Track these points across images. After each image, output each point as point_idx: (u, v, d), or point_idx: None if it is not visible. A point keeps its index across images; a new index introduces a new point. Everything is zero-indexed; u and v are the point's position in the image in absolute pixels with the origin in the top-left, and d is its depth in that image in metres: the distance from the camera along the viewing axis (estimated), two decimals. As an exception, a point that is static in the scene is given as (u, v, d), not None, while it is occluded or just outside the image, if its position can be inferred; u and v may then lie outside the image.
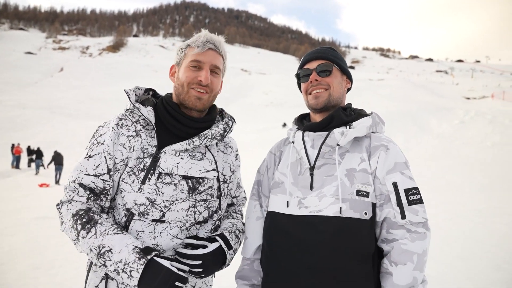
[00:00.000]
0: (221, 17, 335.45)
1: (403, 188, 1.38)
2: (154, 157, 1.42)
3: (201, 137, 1.48)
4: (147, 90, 1.65)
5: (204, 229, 1.52)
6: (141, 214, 1.40)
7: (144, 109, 1.48)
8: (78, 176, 1.41)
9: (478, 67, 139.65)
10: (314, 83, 1.56)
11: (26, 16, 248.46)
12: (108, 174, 1.42)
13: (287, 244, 1.44)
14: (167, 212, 1.41)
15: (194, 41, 1.53)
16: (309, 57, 1.63)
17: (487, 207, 8.89)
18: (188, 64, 1.50)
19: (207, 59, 1.51)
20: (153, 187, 1.40)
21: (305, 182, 1.48)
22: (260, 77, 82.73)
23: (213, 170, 1.53)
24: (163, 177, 1.41)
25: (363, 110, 1.63)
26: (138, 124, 1.48)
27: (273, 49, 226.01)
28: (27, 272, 4.59)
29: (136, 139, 1.44)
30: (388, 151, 1.44)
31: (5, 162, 22.86)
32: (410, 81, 69.57)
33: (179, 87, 1.52)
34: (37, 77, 78.88)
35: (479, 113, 31.69)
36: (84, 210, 1.38)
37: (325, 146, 1.48)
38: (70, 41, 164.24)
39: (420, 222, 1.35)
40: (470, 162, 17.34)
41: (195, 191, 1.46)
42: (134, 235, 1.39)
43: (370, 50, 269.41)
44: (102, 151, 1.42)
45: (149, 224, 1.40)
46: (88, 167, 1.41)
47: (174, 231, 1.42)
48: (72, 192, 1.41)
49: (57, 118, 39.78)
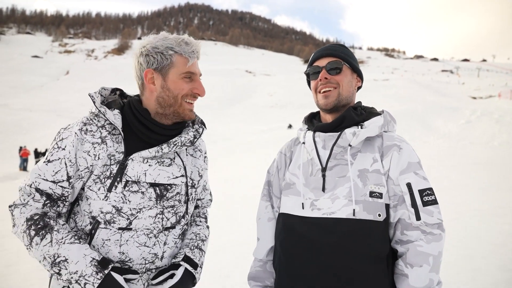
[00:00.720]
0: (225, 19, 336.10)
1: (417, 189, 1.36)
2: (121, 165, 1.37)
3: (170, 144, 1.43)
4: (113, 90, 1.58)
5: (173, 235, 1.49)
6: (107, 222, 1.36)
7: (111, 113, 1.41)
8: (35, 181, 1.35)
9: (484, 66, 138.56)
10: (323, 81, 1.53)
11: (33, 21, 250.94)
12: (68, 181, 1.36)
13: (300, 246, 1.42)
14: (134, 220, 1.38)
15: (181, 48, 1.43)
16: (319, 54, 1.59)
17: (493, 207, 8.82)
18: (182, 76, 1.44)
19: (197, 69, 1.49)
20: (120, 195, 1.36)
21: (317, 184, 1.46)
22: (265, 78, 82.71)
23: (181, 176, 1.49)
24: (130, 185, 1.37)
25: (373, 109, 1.61)
26: (104, 129, 1.41)
27: (277, 50, 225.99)
28: (33, 273, 4.63)
29: (102, 146, 1.38)
30: (401, 151, 1.42)
31: (13, 164, 23.07)
32: (415, 81, 69.20)
33: (168, 99, 1.44)
34: (43, 80, 79.59)
35: (486, 113, 31.40)
36: (39, 215, 1.33)
37: (336, 146, 1.46)
38: (75, 44, 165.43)
39: (435, 223, 1.34)
40: (476, 162, 17.20)
41: (162, 198, 1.43)
42: (100, 243, 1.36)
43: (374, 50, 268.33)
44: (63, 157, 1.35)
45: (116, 232, 1.37)
46: (47, 172, 1.35)
47: (141, 238, 1.39)
48: (27, 195, 1.35)
49: (62, 121, 40.04)
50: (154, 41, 1.43)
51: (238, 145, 27.42)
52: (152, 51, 1.42)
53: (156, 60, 1.42)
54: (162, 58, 1.41)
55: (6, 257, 5.24)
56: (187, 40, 1.45)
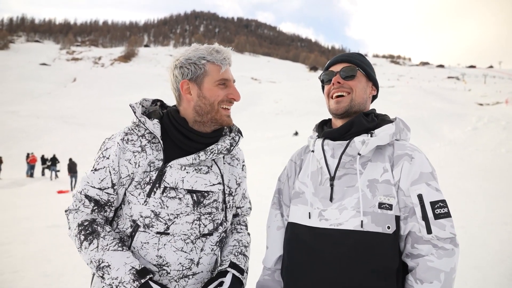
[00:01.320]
0: (231, 27, 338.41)
1: (429, 201, 1.30)
2: (160, 171, 1.42)
3: (207, 152, 1.47)
4: (154, 101, 1.63)
5: (210, 242, 1.51)
6: (146, 226, 1.42)
7: (150, 122, 1.47)
8: (85, 188, 1.46)
9: (491, 72, 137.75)
10: (336, 85, 1.51)
11: (41, 29, 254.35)
12: (113, 188, 1.45)
13: (307, 257, 1.40)
14: (171, 225, 1.42)
15: (213, 57, 1.48)
16: (334, 60, 1.58)
17: (501, 215, 8.70)
18: (216, 83, 1.48)
19: (230, 75, 1.53)
20: (158, 200, 1.41)
21: (325, 193, 1.43)
22: (270, 85, 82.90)
23: (218, 183, 1.52)
24: (168, 191, 1.42)
25: (387, 116, 1.56)
26: (144, 138, 1.48)
27: (283, 58, 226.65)
28: (38, 280, 4.64)
29: (142, 154, 1.44)
30: (412, 161, 1.36)
31: (21, 171, 23.26)
32: (421, 88, 68.95)
33: (205, 106, 1.48)
34: (50, 87, 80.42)
35: (493, 119, 31.16)
36: (89, 221, 1.43)
37: (345, 155, 1.42)
38: (83, 52, 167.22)
39: (447, 238, 1.28)
40: (484, 169, 17.02)
41: (200, 205, 1.47)
42: (139, 245, 1.42)
43: (380, 57, 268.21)
44: (108, 166, 1.44)
45: (154, 236, 1.42)
46: (94, 180, 1.45)
47: (178, 243, 1.43)
48: (79, 202, 1.46)
49: (69, 128, 40.38)
50: (186, 53, 1.49)
51: (244, 152, 27.41)
52: (185, 63, 1.47)
53: (190, 71, 1.47)
54: (195, 68, 1.47)
55: (12, 263, 5.26)
56: (217, 48, 1.50)
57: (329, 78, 1.55)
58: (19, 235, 6.93)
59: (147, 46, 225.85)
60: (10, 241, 6.50)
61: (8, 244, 6.29)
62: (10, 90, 71.26)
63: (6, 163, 28.70)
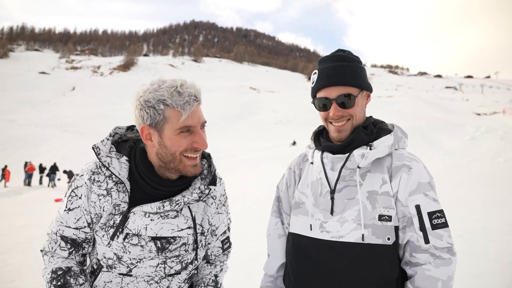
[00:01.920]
0: (229, 36, 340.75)
1: (426, 212, 1.31)
2: (123, 216, 1.36)
3: (172, 202, 1.36)
4: (129, 127, 1.52)
5: (178, 280, 1.48)
6: (109, 266, 1.41)
7: (117, 163, 1.38)
8: (59, 229, 1.42)
9: (488, 82, 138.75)
10: (335, 116, 1.43)
11: (41, 38, 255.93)
12: (89, 227, 1.41)
13: (310, 268, 1.41)
14: (134, 268, 1.40)
15: (173, 100, 1.28)
16: (326, 82, 1.43)
17: (499, 224, 8.70)
18: (177, 131, 1.31)
19: (196, 120, 1.33)
20: (120, 245, 1.37)
21: (326, 205, 1.43)
22: (269, 95, 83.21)
23: (188, 228, 1.42)
24: (130, 237, 1.36)
25: (384, 123, 1.54)
26: (111, 180, 1.38)
27: (282, 67, 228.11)
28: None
29: (107, 198, 1.37)
30: (410, 171, 1.37)
31: (18, 179, 23.17)
32: (419, 98, 69.34)
33: (167, 156, 1.34)
34: (50, 95, 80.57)
35: (490, 129, 31.29)
36: (63, 270, 1.39)
37: (345, 169, 1.42)
38: (82, 60, 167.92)
39: (444, 247, 1.30)
40: (482, 178, 17.04)
41: (164, 250, 1.40)
42: (101, 284, 1.43)
43: (378, 67, 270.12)
44: (81, 205, 1.39)
45: (117, 276, 1.41)
46: (69, 220, 1.40)
47: (141, 285, 1.42)
48: (54, 243, 1.42)
49: (68, 136, 40.37)
50: (147, 92, 1.31)
51: (242, 161, 27.40)
52: (144, 105, 1.30)
53: (149, 116, 1.30)
54: (154, 114, 1.29)
55: (9, 273, 5.22)
56: (179, 89, 1.29)
57: (325, 107, 1.46)
58: (16, 244, 6.88)
59: (146, 55, 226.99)
60: (7, 249, 6.45)
61: (6, 253, 6.24)
62: (10, 98, 71.37)
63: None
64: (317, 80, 1.48)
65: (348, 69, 1.43)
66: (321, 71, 1.47)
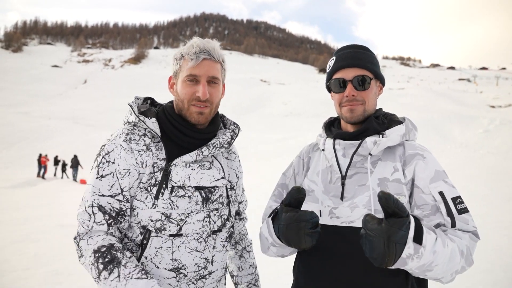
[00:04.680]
0: (240, 28, 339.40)
1: (450, 197, 1.32)
2: (165, 171, 1.37)
3: (209, 146, 1.45)
4: (145, 99, 1.61)
5: (220, 238, 1.50)
6: (157, 230, 1.36)
7: (149, 121, 1.42)
8: (93, 199, 1.33)
9: (504, 74, 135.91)
10: (350, 97, 1.46)
11: (53, 32, 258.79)
12: (122, 194, 1.36)
13: (318, 255, 1.41)
14: (183, 225, 1.38)
15: (187, 51, 1.44)
16: (344, 64, 1.48)
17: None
18: (184, 79, 1.43)
19: (203, 71, 1.43)
20: (168, 201, 1.36)
21: (336, 192, 1.44)
22: (279, 87, 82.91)
23: (222, 178, 1.50)
24: (177, 190, 1.37)
25: (395, 116, 1.57)
26: (146, 137, 1.42)
27: (292, 59, 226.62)
28: (49, 278, 4.71)
29: (148, 153, 1.38)
30: (425, 160, 1.38)
31: (33, 171, 23.61)
32: (431, 90, 68.31)
33: (179, 103, 1.47)
34: (62, 89, 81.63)
35: (505, 121, 30.75)
36: (106, 247, 1.28)
37: (357, 155, 1.43)
38: (93, 54, 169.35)
39: (470, 231, 1.31)
40: (496, 172, 16.80)
41: (208, 201, 1.44)
42: (153, 252, 1.36)
43: (390, 59, 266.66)
44: (115, 171, 1.35)
45: (167, 240, 1.37)
46: (102, 187, 1.34)
47: (192, 244, 1.40)
48: (88, 220, 1.32)
49: (79, 128, 40.90)
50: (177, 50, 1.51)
51: (253, 154, 27.45)
52: (173, 59, 1.51)
53: (173, 67, 1.50)
54: (176, 64, 1.48)
55: (24, 261, 5.34)
56: (197, 42, 1.45)
57: (340, 88, 1.49)
58: (31, 234, 7.03)
59: (157, 48, 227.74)
60: (22, 239, 6.60)
61: (21, 242, 6.39)
62: (23, 92, 72.53)
63: (19, 163, 29.19)
64: (334, 63, 1.53)
65: (365, 55, 1.50)
66: (339, 56, 1.53)
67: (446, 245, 1.19)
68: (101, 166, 1.36)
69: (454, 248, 1.21)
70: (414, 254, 1.12)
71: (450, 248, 1.19)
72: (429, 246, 1.14)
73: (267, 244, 1.48)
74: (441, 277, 1.22)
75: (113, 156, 1.36)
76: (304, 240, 1.28)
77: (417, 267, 1.16)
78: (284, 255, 1.53)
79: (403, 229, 1.09)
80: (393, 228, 1.08)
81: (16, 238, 6.69)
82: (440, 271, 1.19)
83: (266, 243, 1.48)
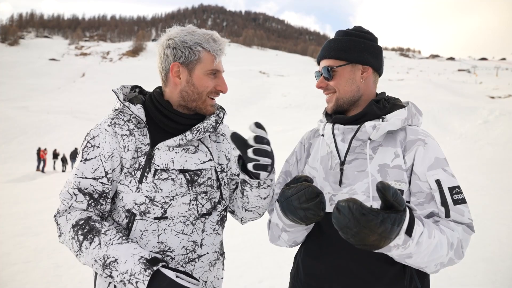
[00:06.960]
0: (238, 20, 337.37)
1: (447, 187, 1.27)
2: (148, 155, 1.39)
3: (193, 131, 1.45)
4: (133, 88, 1.62)
5: (210, 222, 1.48)
6: (142, 213, 1.37)
7: (134, 107, 1.44)
8: (75, 181, 1.37)
9: (503, 64, 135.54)
10: (319, 88, 1.51)
11: (50, 24, 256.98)
12: (106, 177, 1.38)
13: (318, 242, 1.41)
14: (168, 208, 1.39)
15: (210, 45, 1.44)
16: (318, 57, 1.54)
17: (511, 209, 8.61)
18: (208, 72, 1.45)
19: (222, 66, 1.50)
20: (151, 184, 1.37)
21: (336, 178, 1.41)
22: (278, 79, 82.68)
23: (209, 160, 1.50)
24: (160, 173, 1.38)
25: (398, 100, 1.51)
26: (130, 123, 1.44)
27: (291, 51, 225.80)
28: (50, 270, 4.72)
29: (130, 138, 1.40)
30: (426, 146, 1.33)
31: (32, 165, 23.62)
32: (430, 81, 68.18)
33: (193, 94, 1.45)
34: (60, 82, 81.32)
35: (505, 112, 30.73)
36: (84, 219, 1.32)
37: (355, 140, 1.39)
38: (91, 47, 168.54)
39: (465, 223, 1.27)
40: (495, 162, 16.84)
41: (194, 184, 1.43)
42: (138, 235, 1.38)
43: (389, 50, 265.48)
44: (99, 155, 1.38)
45: (152, 222, 1.38)
46: (85, 170, 1.37)
47: (178, 226, 1.40)
48: (69, 199, 1.36)
49: (78, 122, 40.86)
50: (182, 34, 1.43)
51: (251, 145, 27.44)
52: (180, 45, 1.42)
53: (184, 55, 1.42)
54: (190, 53, 1.42)
55: (25, 254, 5.36)
56: (215, 37, 1.46)
57: (317, 77, 1.55)
58: (31, 227, 7.04)
59: (155, 40, 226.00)
60: (23, 233, 6.61)
61: (21, 236, 6.40)
62: (21, 86, 72.28)
63: (18, 157, 29.19)
64: (317, 56, 1.58)
65: (337, 43, 1.47)
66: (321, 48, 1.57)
67: (433, 236, 1.16)
68: (85, 151, 1.40)
69: (442, 240, 1.18)
70: (402, 245, 1.10)
71: (436, 239, 1.16)
72: (416, 238, 1.12)
73: (277, 232, 1.46)
74: (424, 266, 1.20)
75: (98, 141, 1.40)
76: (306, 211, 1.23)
77: (397, 255, 1.15)
78: (296, 241, 1.49)
79: (397, 224, 1.05)
80: (387, 224, 1.04)
81: (16, 231, 6.70)
82: (420, 261, 1.17)
83: (277, 231, 1.46)
